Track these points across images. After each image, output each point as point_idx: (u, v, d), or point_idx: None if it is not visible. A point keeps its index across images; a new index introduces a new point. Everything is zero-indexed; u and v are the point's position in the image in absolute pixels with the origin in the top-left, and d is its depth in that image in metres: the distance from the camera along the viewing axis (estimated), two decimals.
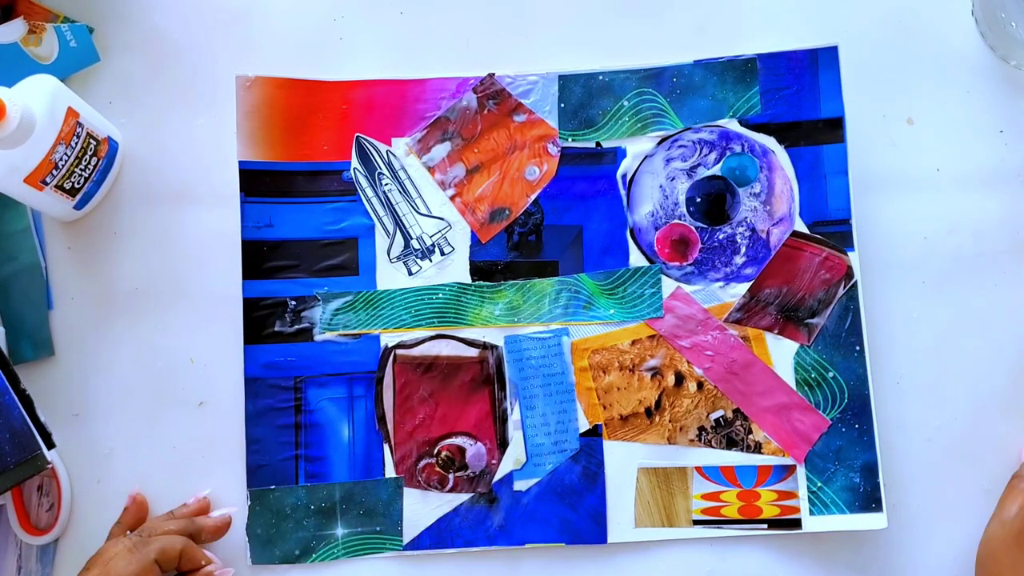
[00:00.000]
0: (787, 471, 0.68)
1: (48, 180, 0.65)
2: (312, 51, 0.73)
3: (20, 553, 0.68)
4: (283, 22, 0.73)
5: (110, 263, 0.71)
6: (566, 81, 0.71)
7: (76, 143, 0.66)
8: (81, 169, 0.67)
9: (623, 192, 0.71)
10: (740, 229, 0.70)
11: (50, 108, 0.63)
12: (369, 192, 0.71)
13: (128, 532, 0.65)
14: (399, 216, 0.71)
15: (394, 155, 0.71)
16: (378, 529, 0.68)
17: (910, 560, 0.68)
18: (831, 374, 0.68)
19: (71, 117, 0.65)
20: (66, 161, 0.65)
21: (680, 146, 0.71)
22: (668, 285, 0.70)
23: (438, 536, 0.68)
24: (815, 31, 0.72)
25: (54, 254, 0.71)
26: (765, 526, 0.67)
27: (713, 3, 0.73)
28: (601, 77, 0.71)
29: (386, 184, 0.71)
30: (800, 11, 0.73)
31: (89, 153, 0.67)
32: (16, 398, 0.65)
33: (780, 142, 0.70)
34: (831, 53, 0.70)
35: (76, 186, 0.67)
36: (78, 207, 0.69)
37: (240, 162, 0.70)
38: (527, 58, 0.72)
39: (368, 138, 0.71)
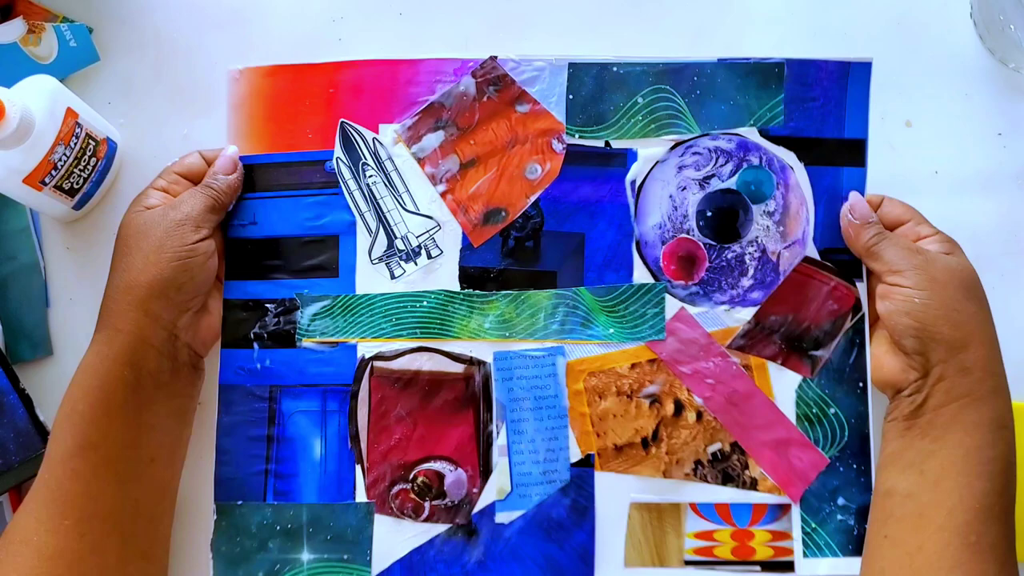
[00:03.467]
0: (782, 510, 0.65)
1: (47, 180, 0.64)
2: (311, 52, 0.70)
3: None
4: (282, 22, 0.71)
5: (108, 263, 0.64)
6: (576, 70, 0.64)
7: (75, 143, 0.65)
8: (80, 169, 0.66)
9: (631, 200, 0.65)
10: (750, 249, 0.65)
11: (49, 108, 0.63)
12: (352, 184, 0.63)
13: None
14: (383, 212, 0.63)
15: (380, 143, 0.63)
16: (345, 557, 0.62)
17: None
18: (832, 410, 0.65)
19: (70, 117, 0.64)
20: (65, 161, 0.64)
21: (695, 153, 0.65)
22: (671, 305, 0.65)
23: (410, 569, 0.62)
24: (813, 33, 0.70)
25: (53, 254, 0.70)
26: (758, 568, 0.64)
27: (711, 4, 0.70)
28: (615, 69, 0.64)
29: (370, 176, 0.63)
30: (798, 13, 0.70)
31: (88, 153, 0.66)
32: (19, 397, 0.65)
33: (800, 159, 0.65)
34: (864, 69, 0.65)
35: (75, 186, 0.66)
36: (77, 207, 0.68)
37: None
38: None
39: (353, 124, 0.62)
